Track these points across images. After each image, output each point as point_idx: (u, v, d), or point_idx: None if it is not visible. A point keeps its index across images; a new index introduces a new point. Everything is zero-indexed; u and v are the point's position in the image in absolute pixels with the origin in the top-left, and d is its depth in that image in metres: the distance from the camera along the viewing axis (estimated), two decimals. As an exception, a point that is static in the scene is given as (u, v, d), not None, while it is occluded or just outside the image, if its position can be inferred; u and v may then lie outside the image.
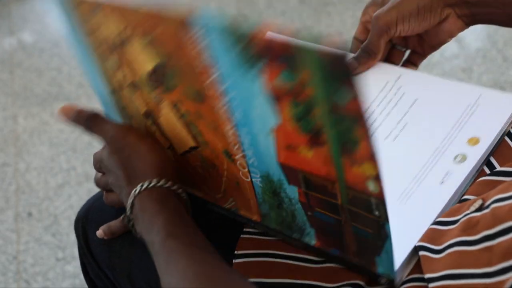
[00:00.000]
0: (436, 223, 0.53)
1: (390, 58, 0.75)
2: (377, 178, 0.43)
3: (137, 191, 0.55)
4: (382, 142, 0.63)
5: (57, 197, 1.55)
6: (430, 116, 0.64)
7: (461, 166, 0.58)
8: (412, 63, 0.75)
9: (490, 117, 0.62)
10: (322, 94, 0.40)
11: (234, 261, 0.59)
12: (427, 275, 0.48)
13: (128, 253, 0.66)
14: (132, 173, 0.56)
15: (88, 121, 0.60)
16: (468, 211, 0.51)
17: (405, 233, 0.54)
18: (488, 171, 0.59)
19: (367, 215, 0.47)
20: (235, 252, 0.60)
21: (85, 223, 0.73)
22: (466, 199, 0.55)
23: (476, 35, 1.79)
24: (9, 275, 1.42)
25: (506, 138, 0.61)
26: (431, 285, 0.47)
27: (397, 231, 0.50)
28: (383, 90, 0.67)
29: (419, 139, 0.62)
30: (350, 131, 0.41)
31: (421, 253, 0.50)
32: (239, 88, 0.46)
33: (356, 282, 0.53)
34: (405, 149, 0.61)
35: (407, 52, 0.76)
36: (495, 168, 0.59)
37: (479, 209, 0.50)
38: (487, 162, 0.60)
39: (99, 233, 0.66)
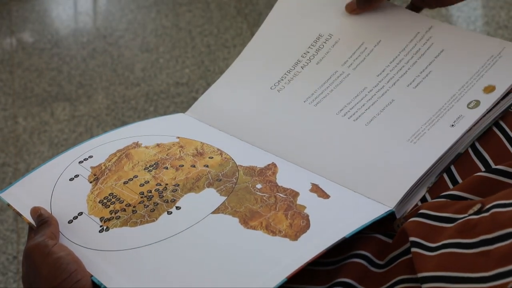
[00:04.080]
0: (430, 218, 0.52)
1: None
2: None
3: None
4: (403, 89, 0.66)
5: (57, 197, 1.55)
6: (454, 65, 0.67)
7: (473, 112, 0.61)
8: (416, 6, 0.76)
9: (510, 68, 0.64)
10: None
11: None
12: (420, 274, 0.47)
13: None
14: None
15: (35, 224, 0.60)
16: (465, 214, 0.50)
17: (410, 168, 0.59)
18: (479, 163, 0.59)
19: None
20: None
21: None
22: (463, 197, 0.55)
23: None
24: (9, 275, 1.42)
25: (498, 133, 0.61)
26: (424, 285, 0.46)
27: (403, 167, 0.59)
28: (413, 41, 0.70)
29: (439, 86, 0.65)
30: None
31: (414, 249, 0.50)
32: None
33: (346, 281, 0.53)
34: (424, 95, 0.65)
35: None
36: (486, 160, 0.59)
37: (478, 212, 0.50)
38: (479, 155, 0.60)
39: None
